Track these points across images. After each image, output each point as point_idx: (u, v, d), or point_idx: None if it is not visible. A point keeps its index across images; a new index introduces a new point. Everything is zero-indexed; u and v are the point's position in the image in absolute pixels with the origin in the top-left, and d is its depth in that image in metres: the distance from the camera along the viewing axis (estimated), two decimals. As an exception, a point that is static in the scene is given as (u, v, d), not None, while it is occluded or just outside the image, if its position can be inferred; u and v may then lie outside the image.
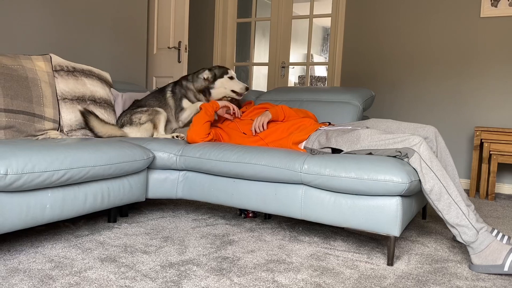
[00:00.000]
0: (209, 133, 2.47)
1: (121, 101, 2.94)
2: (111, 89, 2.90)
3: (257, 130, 2.40)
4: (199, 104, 2.72)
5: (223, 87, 2.73)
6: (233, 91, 2.74)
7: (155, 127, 2.69)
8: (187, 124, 2.80)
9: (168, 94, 2.82)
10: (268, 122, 2.44)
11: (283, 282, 1.63)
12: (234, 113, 2.60)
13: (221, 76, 2.74)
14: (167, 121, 2.78)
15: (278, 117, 2.46)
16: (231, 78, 2.75)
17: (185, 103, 2.77)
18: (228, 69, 2.80)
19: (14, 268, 1.65)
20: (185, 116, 2.76)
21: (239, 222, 2.44)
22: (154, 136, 2.68)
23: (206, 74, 2.75)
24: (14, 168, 1.64)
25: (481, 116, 3.81)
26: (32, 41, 3.19)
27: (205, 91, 2.74)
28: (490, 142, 3.43)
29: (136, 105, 2.81)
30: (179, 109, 2.76)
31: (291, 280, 1.64)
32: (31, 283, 1.52)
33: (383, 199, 1.86)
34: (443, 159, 2.19)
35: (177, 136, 2.66)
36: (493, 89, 3.75)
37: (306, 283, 1.62)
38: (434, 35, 3.95)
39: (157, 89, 2.99)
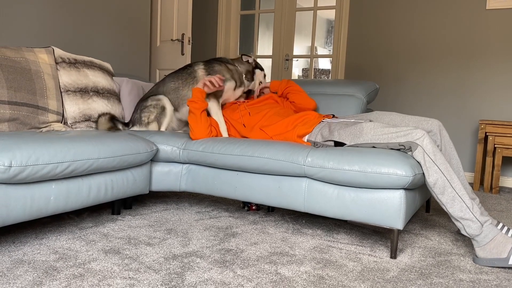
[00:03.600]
0: (209, 126, 2.44)
1: (126, 87, 2.94)
2: (114, 77, 2.90)
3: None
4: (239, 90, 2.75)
5: (258, 79, 2.83)
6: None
7: (159, 124, 2.70)
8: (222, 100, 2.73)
9: (200, 72, 2.72)
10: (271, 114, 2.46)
11: (286, 274, 1.63)
12: (214, 84, 2.46)
13: (261, 69, 2.86)
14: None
15: (279, 85, 2.66)
16: (264, 76, 2.88)
17: (229, 84, 2.68)
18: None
19: (18, 259, 1.67)
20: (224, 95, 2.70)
21: (242, 215, 2.45)
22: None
23: (251, 59, 2.83)
24: (18, 160, 1.64)
25: (486, 109, 3.78)
26: (34, 34, 3.19)
27: (249, 74, 2.80)
28: (495, 136, 3.41)
29: (147, 95, 2.78)
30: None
31: (294, 273, 1.65)
32: (35, 274, 1.53)
33: (386, 192, 1.86)
34: (447, 153, 2.18)
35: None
36: (498, 82, 3.72)
37: (309, 276, 1.62)
38: (439, 28, 3.92)
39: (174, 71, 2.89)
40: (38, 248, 1.80)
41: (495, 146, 3.42)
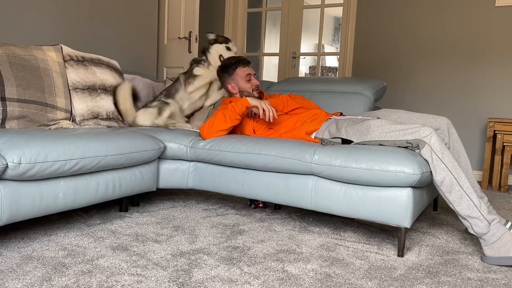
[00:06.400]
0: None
1: (137, 86, 2.97)
2: (125, 75, 2.93)
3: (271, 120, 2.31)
4: (211, 71, 2.73)
5: (218, 53, 2.75)
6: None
7: (159, 112, 2.73)
8: (197, 89, 2.78)
9: (180, 74, 2.88)
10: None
11: (293, 272, 1.63)
12: (264, 116, 2.30)
13: (220, 43, 2.75)
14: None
15: (277, 106, 2.49)
16: (228, 48, 2.75)
17: (196, 70, 2.77)
18: (230, 41, 2.80)
19: (28, 255, 1.68)
20: (196, 83, 2.76)
21: (249, 212, 2.45)
22: (155, 121, 2.71)
23: (211, 35, 2.78)
24: (27, 157, 1.66)
25: (494, 107, 3.75)
26: (42, 32, 3.21)
27: (204, 51, 2.76)
28: (504, 134, 3.38)
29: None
30: (191, 76, 2.76)
31: (301, 270, 1.65)
32: (44, 270, 1.55)
33: (394, 190, 1.85)
34: (455, 151, 2.17)
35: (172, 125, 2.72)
36: (507, 80, 3.69)
37: (316, 273, 1.62)
38: (447, 25, 3.89)
39: None
40: (47, 244, 1.82)
41: (504, 144, 3.39)
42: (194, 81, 2.73)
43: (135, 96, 2.72)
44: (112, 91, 2.64)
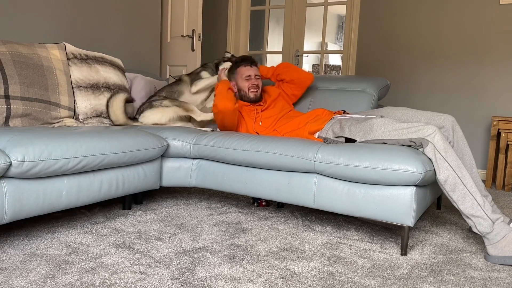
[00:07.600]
0: (236, 102, 2.48)
1: (139, 84, 2.96)
2: (127, 73, 2.93)
3: None
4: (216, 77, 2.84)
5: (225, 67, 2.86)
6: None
7: (186, 110, 2.74)
8: (201, 91, 2.84)
9: (184, 76, 2.92)
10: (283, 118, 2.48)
11: (296, 270, 1.63)
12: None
13: (232, 62, 2.83)
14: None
15: (268, 70, 2.70)
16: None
17: (204, 74, 2.86)
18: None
19: (31, 253, 1.69)
20: (202, 83, 2.84)
21: (252, 211, 2.45)
22: (194, 116, 2.75)
23: (228, 54, 2.94)
24: (31, 155, 1.66)
25: (498, 105, 3.74)
26: (46, 30, 3.21)
27: (217, 65, 2.89)
28: (508, 132, 3.37)
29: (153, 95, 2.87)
30: (197, 78, 2.85)
31: (304, 269, 1.65)
32: (48, 268, 1.55)
33: (397, 189, 1.85)
34: (460, 149, 2.16)
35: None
36: (511, 78, 3.67)
37: (318, 272, 1.62)
38: (451, 23, 3.88)
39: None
40: (51, 242, 1.82)
41: (508, 143, 3.38)
42: (198, 83, 2.78)
43: (128, 102, 2.71)
44: (106, 103, 2.61)
